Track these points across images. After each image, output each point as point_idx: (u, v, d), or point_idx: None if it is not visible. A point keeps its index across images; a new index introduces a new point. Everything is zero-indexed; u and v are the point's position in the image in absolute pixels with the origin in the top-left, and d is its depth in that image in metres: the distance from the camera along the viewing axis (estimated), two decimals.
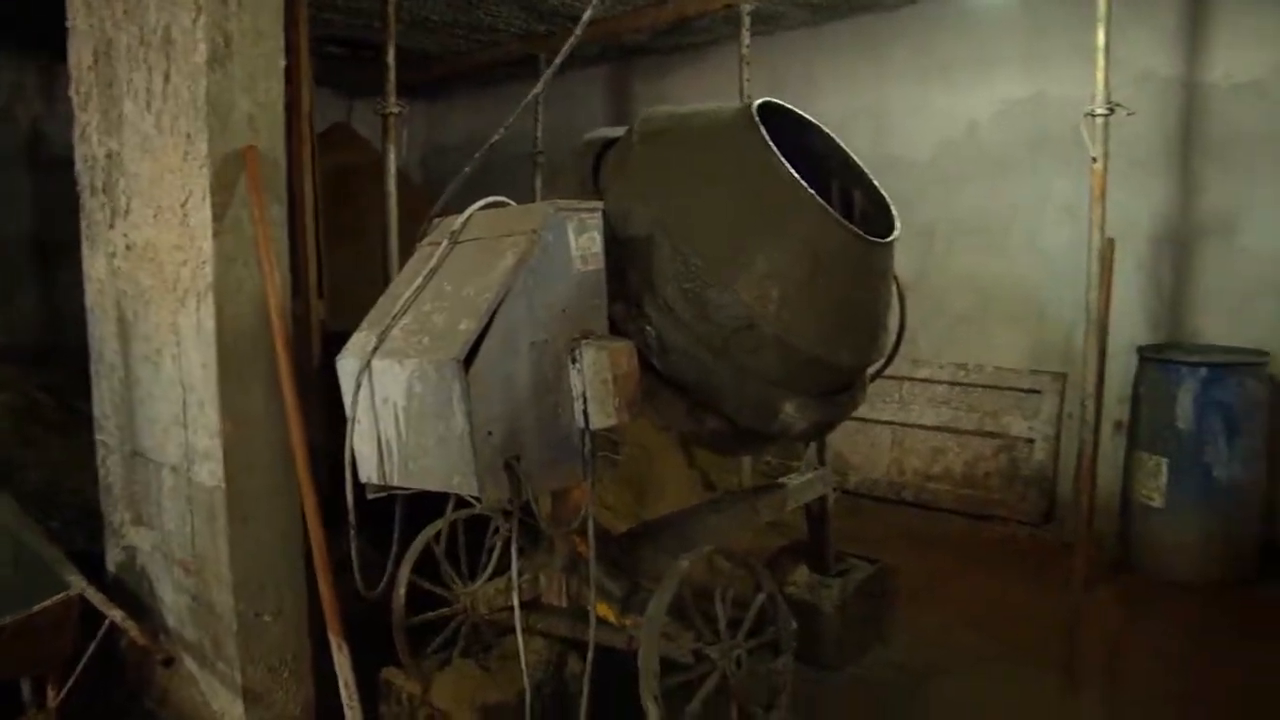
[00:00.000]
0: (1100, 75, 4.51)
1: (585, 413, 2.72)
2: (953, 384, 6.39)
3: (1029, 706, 3.87)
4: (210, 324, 3.13)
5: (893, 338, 3.51)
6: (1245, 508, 4.96)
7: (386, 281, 4.57)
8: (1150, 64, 5.51)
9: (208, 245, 3.10)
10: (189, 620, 3.49)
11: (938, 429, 6.36)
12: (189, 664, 3.51)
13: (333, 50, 6.88)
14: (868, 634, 4.22)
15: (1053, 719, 3.87)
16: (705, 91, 6.89)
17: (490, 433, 2.55)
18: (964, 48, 6.29)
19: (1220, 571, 4.94)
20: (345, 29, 6.52)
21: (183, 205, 3.19)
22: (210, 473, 3.23)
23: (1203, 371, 4.90)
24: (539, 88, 3.68)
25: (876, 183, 3.44)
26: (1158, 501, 5.00)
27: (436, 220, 3.12)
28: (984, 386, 6.27)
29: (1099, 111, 4.54)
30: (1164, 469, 4.97)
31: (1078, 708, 4.01)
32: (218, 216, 3.09)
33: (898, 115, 6.60)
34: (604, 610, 3.03)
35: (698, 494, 5.56)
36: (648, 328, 2.99)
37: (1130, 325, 5.48)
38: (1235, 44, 5.31)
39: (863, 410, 3.68)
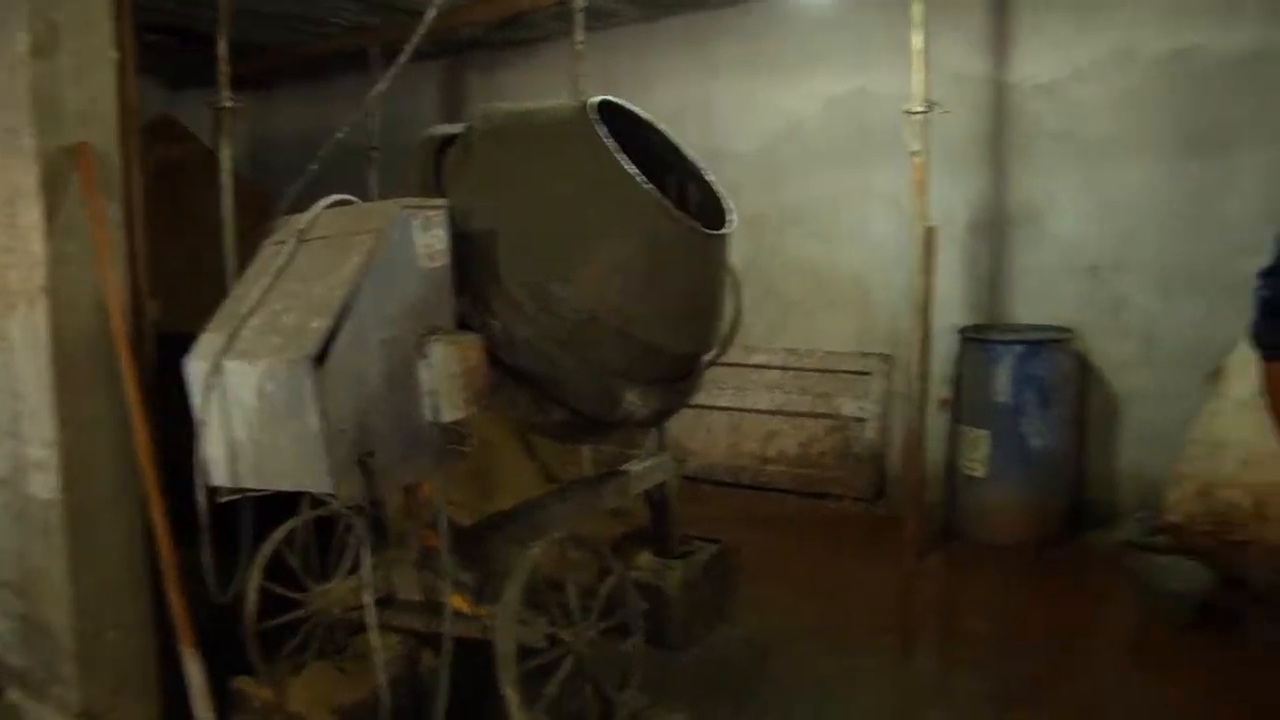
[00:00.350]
0: (918, 76, 4.77)
1: (436, 407, 2.76)
2: (785, 368, 6.61)
3: (869, 668, 4.10)
4: (44, 329, 3.01)
5: (728, 326, 3.64)
6: (1058, 473, 5.36)
7: (221, 280, 4.48)
8: (963, 66, 5.85)
9: (40, 247, 2.99)
10: (17, 646, 3.34)
11: (772, 412, 6.58)
12: (13, 694, 3.36)
13: (153, 38, 6.64)
14: (713, 612, 4.37)
15: (891, 677, 4.12)
16: (540, 86, 6.94)
17: (343, 430, 2.57)
18: (790, 45, 6.52)
19: (1037, 532, 5.32)
20: (171, 16, 6.30)
21: (10, 205, 3.06)
22: (44, 484, 3.11)
23: (1018, 349, 5.25)
24: (383, 84, 3.67)
25: (711, 177, 3.56)
26: (981, 472, 5.33)
27: (282, 218, 3.09)
28: (816, 370, 6.52)
29: (917, 109, 4.80)
30: (985, 441, 5.30)
31: (914, 663, 4.30)
32: (50, 216, 2.98)
33: (727, 109, 6.79)
34: (458, 601, 3.07)
35: (539, 486, 5.62)
36: (493, 322, 3.03)
37: (951, 308, 5.79)
38: (1034, 50, 5.70)
39: (700, 397, 3.81)
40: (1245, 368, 4.45)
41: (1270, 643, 4.14)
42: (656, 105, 3.86)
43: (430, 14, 3.40)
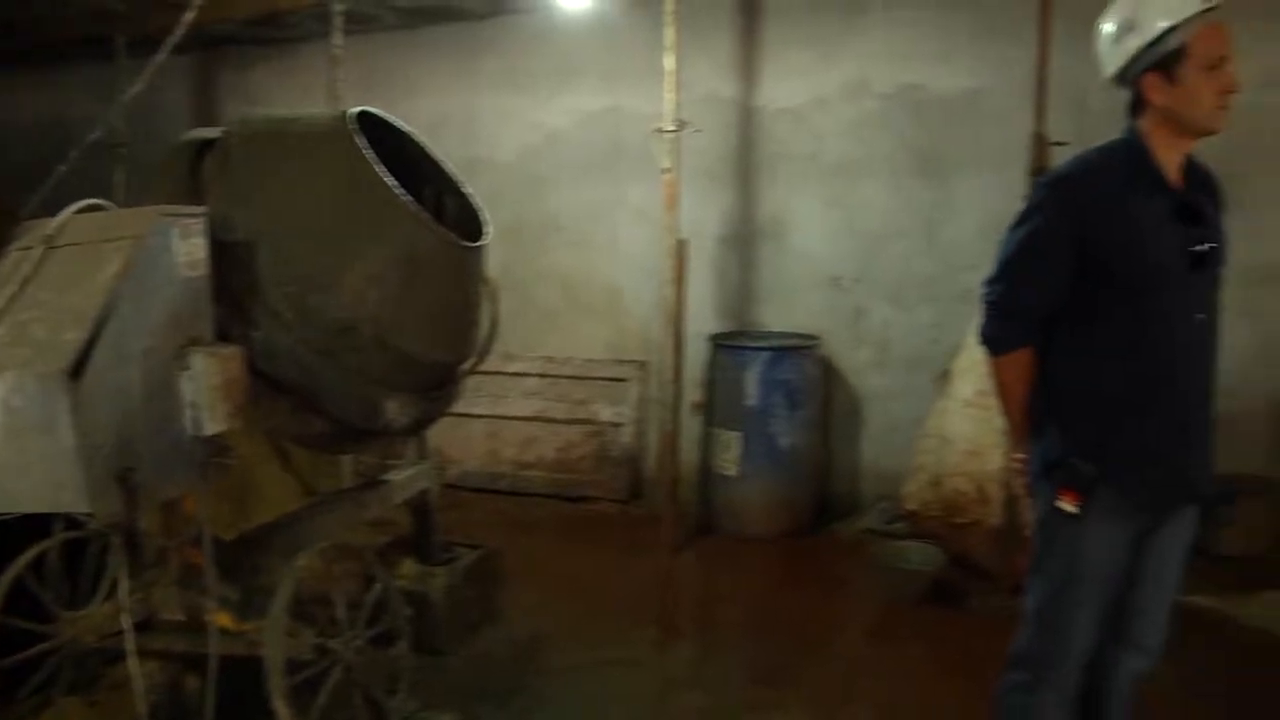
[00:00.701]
0: (669, 96, 4.98)
1: (197, 419, 2.70)
2: (543, 376, 6.71)
3: (629, 658, 4.23)
4: None
5: (485, 334, 3.72)
6: (805, 469, 5.70)
7: None
8: (714, 88, 6.14)
9: None
10: None
11: (531, 419, 6.65)
12: None
13: None
14: (478, 615, 4.41)
15: (650, 665, 4.26)
16: (297, 88, 6.78)
17: (100, 446, 2.45)
18: (549, 61, 6.64)
19: (787, 525, 5.64)
20: None
21: None
22: None
23: (765, 355, 5.55)
24: (139, 85, 3.53)
25: (468, 189, 3.63)
26: (733, 471, 5.60)
27: (25, 224, 2.93)
28: (573, 377, 6.65)
29: (668, 128, 5.02)
30: (737, 442, 5.57)
31: (671, 651, 4.44)
32: None
33: (488, 120, 6.84)
34: (223, 619, 3.00)
35: (297, 499, 5.51)
36: (253, 333, 2.99)
37: (703, 316, 6.04)
38: (780, 77, 6.07)
39: (460, 405, 3.86)
40: (968, 370, 4.93)
41: (991, 611, 4.57)
42: (419, 114, 3.90)
43: (189, 15, 3.30)
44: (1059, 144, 4.57)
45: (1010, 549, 4.67)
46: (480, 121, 6.85)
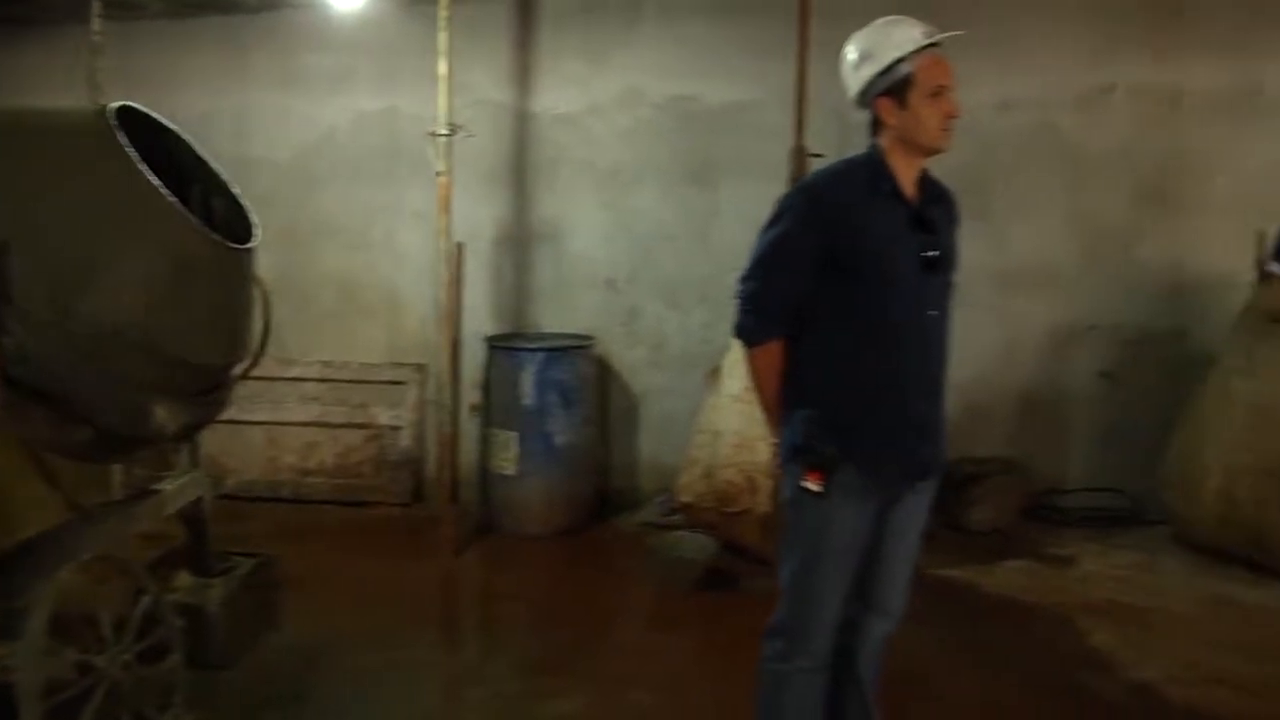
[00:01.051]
0: (443, 100, 5.03)
1: None
2: (322, 380, 6.59)
3: (413, 659, 4.25)
4: None
5: (258, 338, 3.66)
6: (584, 466, 5.85)
7: None
8: (490, 93, 6.23)
9: None
10: None
11: (310, 424, 6.53)
12: None
13: None
14: (258, 625, 4.32)
15: (434, 665, 4.31)
16: (52, 75, 6.37)
17: None
18: (324, 58, 6.54)
19: (567, 521, 5.77)
20: None
21: None
22: None
23: (541, 356, 5.65)
24: None
25: (236, 190, 3.57)
26: (511, 470, 5.67)
27: None
28: (352, 381, 6.57)
29: (442, 131, 5.06)
30: (514, 442, 5.65)
31: (454, 650, 4.55)
32: None
33: (261, 118, 6.66)
34: None
35: (62, 513, 5.23)
36: (6, 338, 2.86)
37: (479, 318, 6.12)
38: (555, 85, 6.22)
39: (236, 413, 3.79)
40: (736, 367, 5.18)
41: (761, 593, 4.82)
42: (187, 109, 3.81)
43: None
44: (817, 155, 4.90)
45: (778, 534, 4.96)
46: (253, 119, 6.66)
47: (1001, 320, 6.14)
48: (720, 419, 5.30)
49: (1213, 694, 3.97)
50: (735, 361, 5.23)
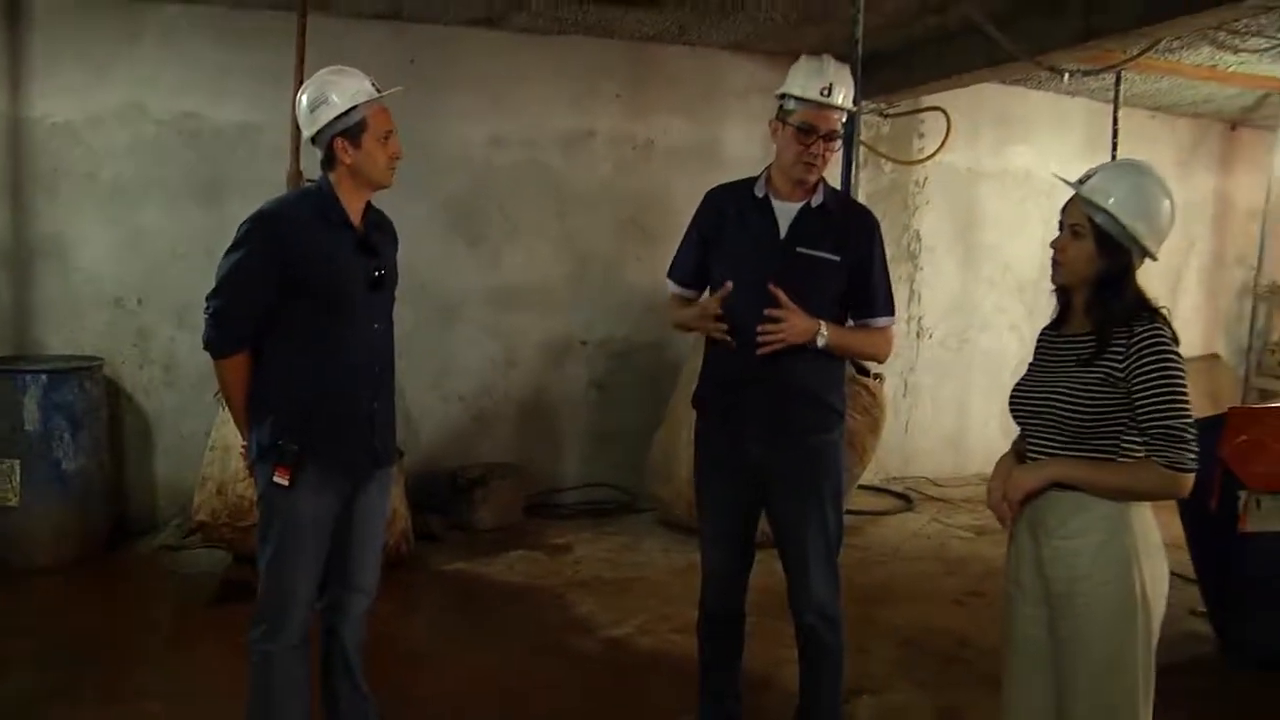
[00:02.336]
0: None
1: None
2: None
3: None
4: None
5: None
6: (94, 492, 5.66)
7: None
8: None
9: None
10: None
11: None
12: None
13: None
14: None
15: None
16: None
17: None
18: None
19: (81, 550, 5.57)
20: None
21: None
22: None
23: (44, 379, 5.42)
24: None
25: None
26: (14, 501, 5.38)
27: None
28: None
29: None
30: (17, 470, 5.38)
31: None
32: None
33: None
34: None
35: None
36: None
37: None
38: (52, 92, 5.96)
39: None
40: None
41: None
42: None
43: None
44: (312, 181, 5.22)
45: None
46: None
47: (499, 335, 6.83)
48: (231, 434, 5.34)
49: (673, 639, 4.75)
50: None
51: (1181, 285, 9.69)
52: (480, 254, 6.70)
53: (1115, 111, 7.37)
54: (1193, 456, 2.45)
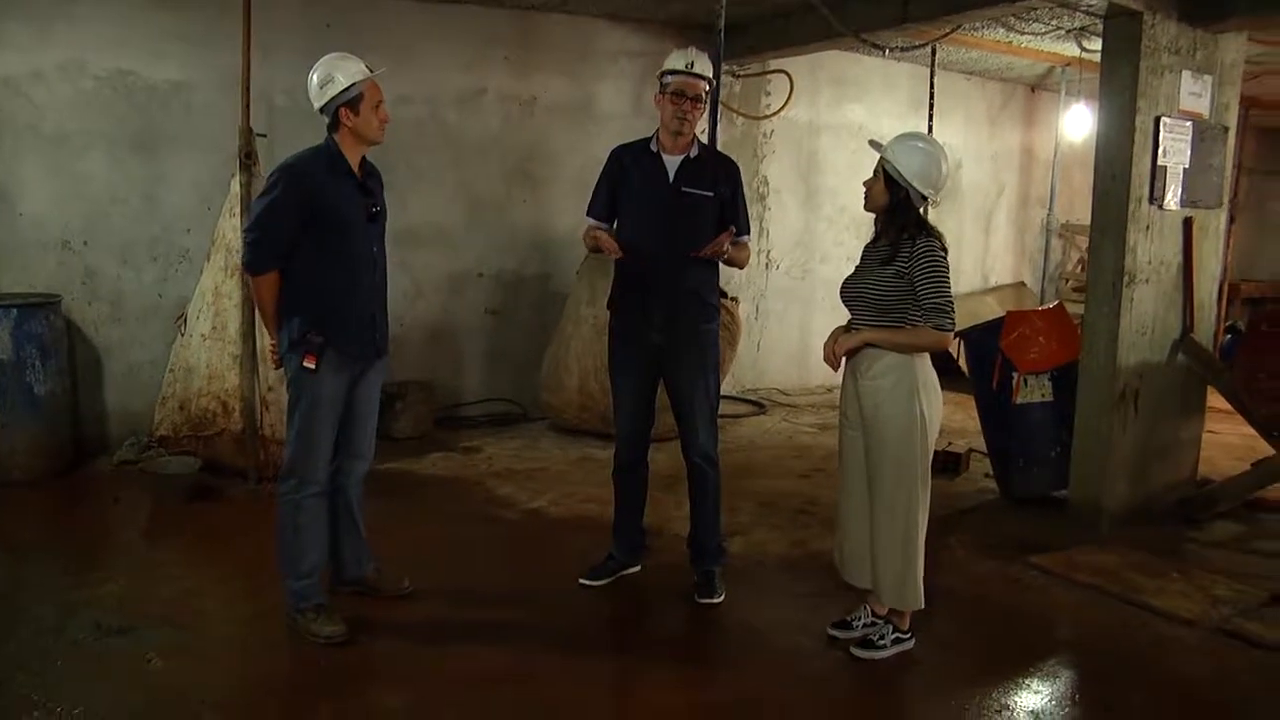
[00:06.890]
0: None
1: None
2: None
3: None
4: None
5: None
6: (61, 414, 6.34)
7: None
8: None
9: None
10: None
11: None
12: None
13: None
14: None
15: None
16: None
17: None
18: None
19: (52, 466, 6.26)
20: None
21: None
22: None
23: (15, 312, 6.03)
24: None
25: None
26: None
27: None
28: None
29: None
30: None
31: None
32: None
33: None
34: None
35: None
36: None
37: None
38: None
39: None
40: (202, 312, 6.14)
41: (244, 497, 5.93)
42: None
43: None
44: (261, 135, 6.06)
45: (253, 448, 6.06)
46: None
47: (409, 269, 7.76)
48: (191, 355, 6.19)
49: (580, 508, 5.98)
50: (200, 307, 6.16)
51: (993, 224, 11.28)
52: (390, 200, 7.51)
53: (932, 77, 8.74)
54: (951, 324, 3.75)
